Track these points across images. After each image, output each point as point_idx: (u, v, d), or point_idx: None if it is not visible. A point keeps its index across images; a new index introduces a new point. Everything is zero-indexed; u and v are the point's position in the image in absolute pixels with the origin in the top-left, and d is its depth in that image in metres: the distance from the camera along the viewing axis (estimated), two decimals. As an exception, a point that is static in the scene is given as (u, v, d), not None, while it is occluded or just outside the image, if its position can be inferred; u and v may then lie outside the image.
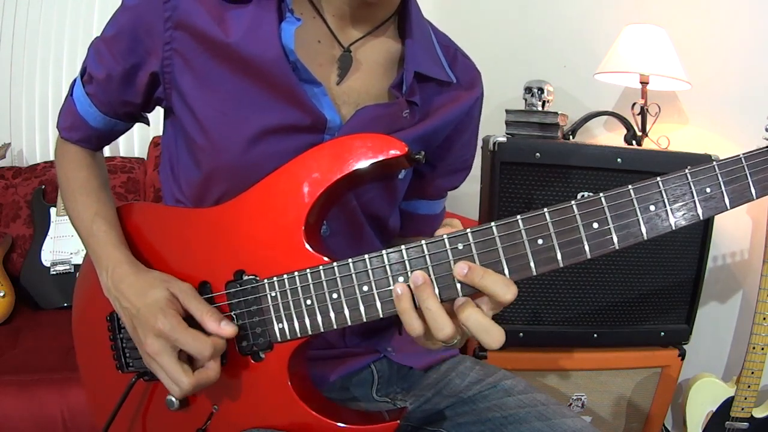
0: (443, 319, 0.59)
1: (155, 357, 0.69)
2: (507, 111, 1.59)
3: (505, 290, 0.58)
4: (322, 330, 0.67)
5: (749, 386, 1.51)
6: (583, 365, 1.52)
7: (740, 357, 1.54)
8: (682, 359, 1.54)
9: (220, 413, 0.74)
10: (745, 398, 1.52)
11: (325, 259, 0.67)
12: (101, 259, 0.78)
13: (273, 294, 0.69)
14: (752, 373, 1.50)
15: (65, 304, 1.92)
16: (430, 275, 0.62)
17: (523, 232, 0.60)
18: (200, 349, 0.67)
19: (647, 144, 1.69)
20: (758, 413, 1.55)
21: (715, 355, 1.82)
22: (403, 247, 0.63)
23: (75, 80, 0.85)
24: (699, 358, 1.75)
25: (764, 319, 1.47)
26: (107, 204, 0.84)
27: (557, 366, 1.51)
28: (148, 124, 0.91)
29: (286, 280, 0.68)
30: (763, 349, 1.48)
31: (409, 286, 0.61)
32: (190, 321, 0.70)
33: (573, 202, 0.59)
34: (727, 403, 1.55)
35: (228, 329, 0.68)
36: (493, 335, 0.59)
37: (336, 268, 0.65)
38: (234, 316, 0.71)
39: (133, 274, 0.74)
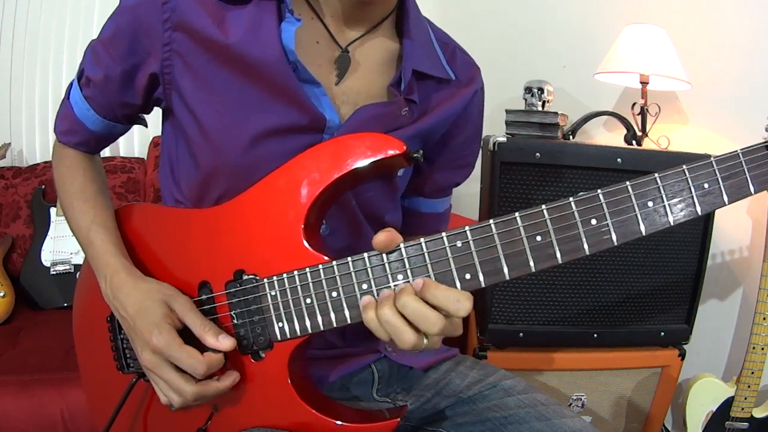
0: (404, 329, 0.60)
1: (153, 370, 0.70)
2: (507, 111, 1.59)
3: (457, 306, 0.60)
4: (321, 329, 0.67)
5: (749, 386, 1.51)
6: (583, 365, 1.52)
7: (740, 357, 1.53)
8: (682, 359, 1.53)
9: (220, 413, 0.74)
10: (745, 398, 1.52)
11: (325, 258, 0.67)
12: (99, 268, 0.78)
13: (273, 293, 0.69)
14: (752, 373, 1.50)
15: (65, 304, 1.92)
16: (429, 273, 0.62)
17: (521, 229, 0.60)
18: (195, 366, 0.67)
19: (647, 144, 1.69)
20: (758, 413, 1.55)
21: (715, 355, 1.82)
22: (402, 245, 0.63)
23: (71, 83, 0.85)
24: (699, 358, 1.75)
25: (764, 319, 1.47)
26: (104, 209, 0.83)
27: (557, 366, 1.51)
28: (146, 125, 0.90)
29: (285, 280, 0.68)
30: (763, 349, 1.48)
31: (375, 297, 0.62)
32: (187, 333, 0.70)
33: (571, 199, 0.59)
34: (727, 403, 1.55)
35: (226, 343, 0.69)
36: (430, 320, 0.60)
37: (335, 267, 0.66)
38: (234, 316, 0.71)
39: (130, 283, 0.74)
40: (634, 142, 1.68)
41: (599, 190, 0.58)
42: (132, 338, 0.73)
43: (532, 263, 0.60)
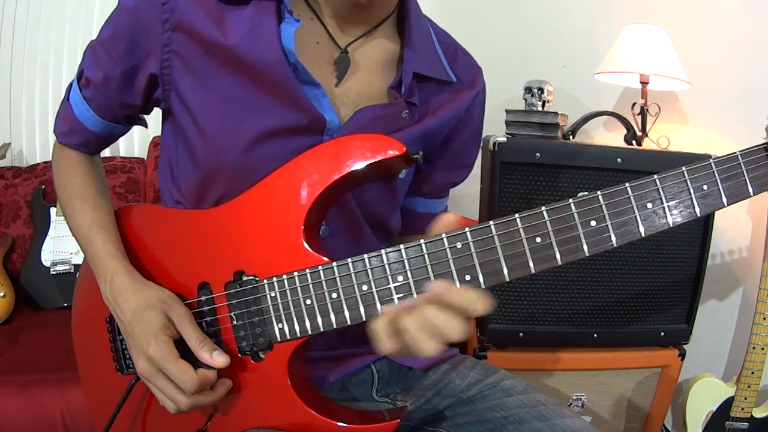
0: (426, 341, 0.58)
1: (148, 378, 0.70)
2: (507, 111, 1.58)
3: (476, 306, 0.58)
4: (321, 330, 0.67)
5: (749, 386, 1.51)
6: (583, 365, 1.52)
7: (740, 357, 1.54)
8: (682, 359, 1.54)
9: (220, 414, 0.74)
10: (745, 398, 1.52)
11: (325, 259, 0.67)
12: (99, 269, 0.78)
13: (273, 294, 0.69)
14: (752, 373, 1.50)
15: (65, 304, 1.92)
16: (429, 274, 0.62)
17: (521, 230, 0.60)
18: (186, 382, 0.67)
19: (647, 144, 1.69)
20: (758, 413, 1.55)
21: (715, 355, 1.82)
22: (402, 246, 0.63)
23: (71, 84, 0.84)
24: (699, 358, 1.75)
25: (764, 319, 1.47)
26: (104, 210, 0.83)
27: (557, 366, 1.51)
28: (146, 126, 0.90)
29: (285, 281, 0.68)
30: (763, 349, 1.48)
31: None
32: (184, 344, 0.70)
33: (571, 200, 0.59)
34: (727, 403, 1.55)
35: (220, 360, 0.69)
36: (456, 328, 0.58)
37: (335, 268, 0.66)
38: (234, 317, 0.71)
39: (130, 287, 0.74)
40: (634, 142, 1.68)
41: (599, 192, 0.59)
42: (129, 343, 0.73)
43: (531, 264, 0.60)
